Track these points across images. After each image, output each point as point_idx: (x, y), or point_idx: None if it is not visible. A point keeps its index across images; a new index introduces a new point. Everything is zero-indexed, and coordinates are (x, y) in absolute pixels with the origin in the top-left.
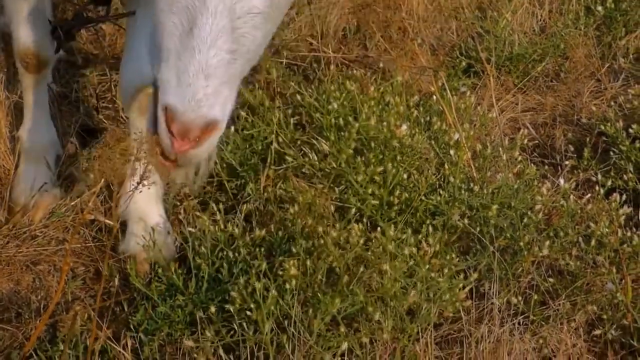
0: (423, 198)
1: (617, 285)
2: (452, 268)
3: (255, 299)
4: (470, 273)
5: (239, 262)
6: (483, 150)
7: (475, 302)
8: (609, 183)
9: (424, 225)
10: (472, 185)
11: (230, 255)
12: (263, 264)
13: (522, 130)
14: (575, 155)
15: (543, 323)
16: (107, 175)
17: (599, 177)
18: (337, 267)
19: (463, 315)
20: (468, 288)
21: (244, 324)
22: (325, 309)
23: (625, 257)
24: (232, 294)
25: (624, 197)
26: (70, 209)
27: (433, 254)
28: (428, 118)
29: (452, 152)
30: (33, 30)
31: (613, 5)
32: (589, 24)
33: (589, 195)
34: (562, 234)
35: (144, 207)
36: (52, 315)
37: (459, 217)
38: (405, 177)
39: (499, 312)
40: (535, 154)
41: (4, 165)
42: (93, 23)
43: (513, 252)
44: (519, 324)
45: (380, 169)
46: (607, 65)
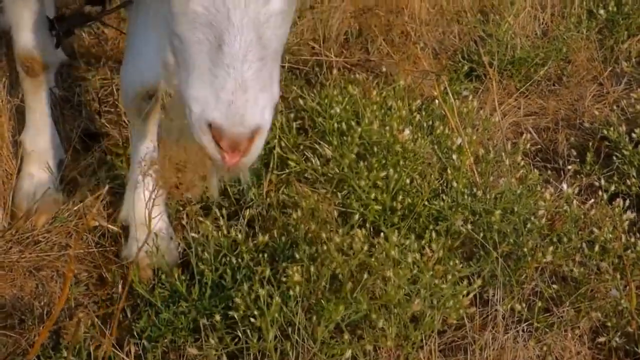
0: (426, 203)
1: (621, 292)
2: (455, 274)
3: (259, 306)
4: (474, 279)
5: (243, 268)
6: (486, 155)
7: (479, 308)
8: (612, 188)
9: (427, 231)
10: (475, 190)
11: (234, 261)
12: (267, 270)
13: (524, 135)
14: (578, 160)
15: (547, 330)
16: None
17: (602, 182)
18: (340, 273)
19: (467, 322)
20: (472, 295)
21: (248, 331)
22: (329, 316)
23: (629, 263)
24: (235, 301)
25: (627, 202)
26: (73, 214)
27: (436, 260)
28: (430, 122)
29: (454, 156)
30: (34, 34)
31: (615, 9)
32: (591, 28)
33: (592, 201)
34: (565, 240)
35: (146, 211)
36: (55, 322)
37: (462, 222)
38: (408, 182)
39: (503, 319)
40: (538, 159)
41: (7, 170)
42: (91, 21)
43: (516, 258)
44: (523, 331)
45: (383, 174)
46: (609, 69)
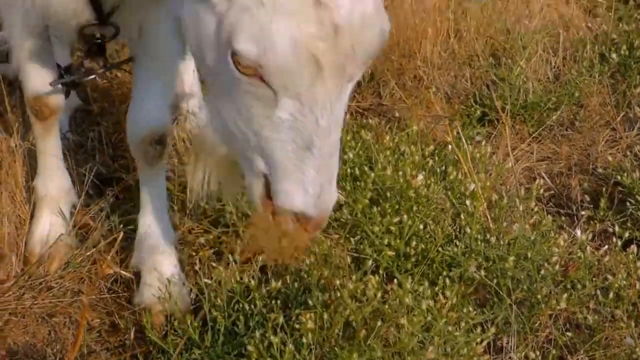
0: (439, 249)
1: (636, 340)
2: (469, 321)
3: (272, 353)
4: (488, 326)
5: (255, 314)
6: (499, 201)
7: (493, 356)
8: (626, 234)
9: (441, 277)
10: (488, 236)
11: (247, 308)
12: (279, 317)
13: (537, 180)
14: (592, 206)
15: None
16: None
17: (616, 228)
18: (354, 320)
19: None
20: (485, 342)
21: None
22: None
23: None
24: (248, 348)
25: None
26: (86, 259)
27: (450, 307)
28: (443, 167)
29: (467, 202)
30: (42, 79)
31: (627, 53)
32: (604, 72)
33: (606, 247)
34: (579, 287)
35: (157, 257)
36: None
37: (476, 268)
38: (422, 227)
39: None
40: (551, 204)
41: (20, 215)
42: (92, 76)
43: (530, 304)
44: None
45: (397, 220)
46: (622, 114)
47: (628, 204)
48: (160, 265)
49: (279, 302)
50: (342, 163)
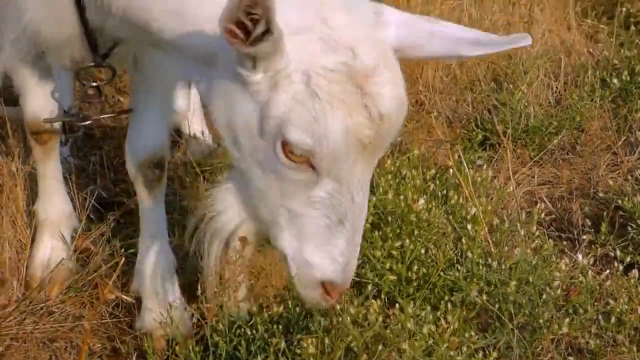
0: (441, 274)
1: None
2: (471, 346)
3: None
4: (490, 351)
5: (257, 339)
6: (500, 225)
7: None
8: (628, 259)
9: (442, 302)
10: (490, 261)
11: (248, 333)
12: (281, 342)
13: (538, 204)
14: (593, 230)
15: None
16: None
17: (618, 252)
18: (355, 345)
19: None
20: None
21: None
22: None
23: None
24: None
25: None
26: (87, 284)
27: (452, 332)
28: (445, 191)
29: (469, 226)
30: (41, 103)
31: (629, 78)
32: (605, 97)
33: (608, 271)
34: (581, 311)
35: (158, 281)
36: None
37: (477, 293)
38: (423, 252)
39: None
40: (552, 228)
41: (21, 240)
42: (89, 121)
43: (532, 329)
44: None
45: (398, 244)
46: (623, 138)
47: (629, 229)
48: (162, 290)
49: (281, 326)
50: None
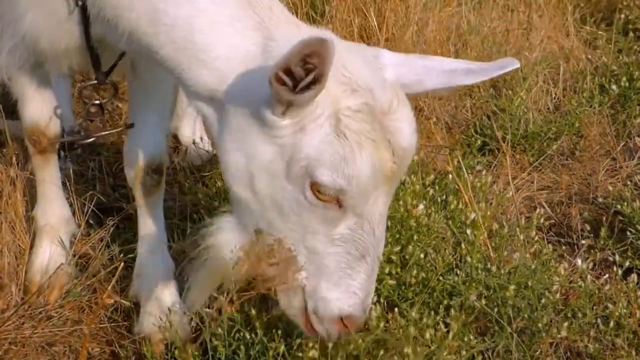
0: (440, 278)
1: None
2: (470, 350)
3: None
4: (489, 355)
5: (256, 343)
6: (499, 230)
7: None
8: (627, 263)
9: (441, 306)
10: (489, 265)
11: (247, 337)
12: (281, 346)
13: (538, 209)
14: (592, 235)
15: None
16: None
17: (617, 257)
18: (357, 351)
19: None
20: None
21: None
22: None
23: None
24: None
25: None
26: (86, 289)
27: (452, 336)
28: (444, 197)
29: (468, 231)
30: (39, 108)
31: (627, 84)
32: (604, 103)
33: (607, 276)
34: (580, 315)
35: (157, 286)
36: None
37: (476, 297)
38: (422, 256)
39: None
40: (552, 233)
41: (20, 245)
42: (90, 139)
43: (531, 333)
44: None
45: (397, 249)
46: (622, 144)
47: (628, 233)
48: (160, 294)
49: (280, 331)
50: None
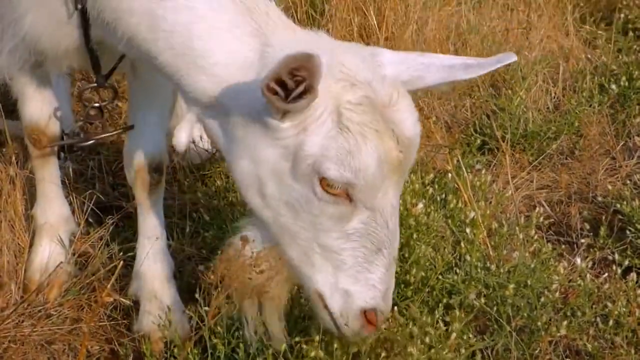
0: (440, 277)
1: None
2: (469, 348)
3: None
4: (488, 354)
5: (256, 342)
6: (499, 229)
7: None
8: (626, 262)
9: (441, 305)
10: (488, 264)
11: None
12: (282, 345)
13: (537, 208)
14: (591, 234)
15: None
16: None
17: (616, 256)
18: (359, 350)
19: None
20: None
21: None
22: None
23: None
24: None
25: None
26: (85, 287)
27: (451, 335)
28: (443, 196)
29: (468, 230)
30: (39, 107)
31: (627, 84)
32: (603, 102)
33: (606, 275)
34: (579, 314)
35: (156, 284)
36: None
37: (476, 296)
38: (422, 255)
39: None
40: (551, 232)
41: (19, 244)
42: (90, 141)
43: (530, 331)
44: None
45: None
46: (621, 143)
47: (628, 232)
48: (160, 293)
49: None
50: None
